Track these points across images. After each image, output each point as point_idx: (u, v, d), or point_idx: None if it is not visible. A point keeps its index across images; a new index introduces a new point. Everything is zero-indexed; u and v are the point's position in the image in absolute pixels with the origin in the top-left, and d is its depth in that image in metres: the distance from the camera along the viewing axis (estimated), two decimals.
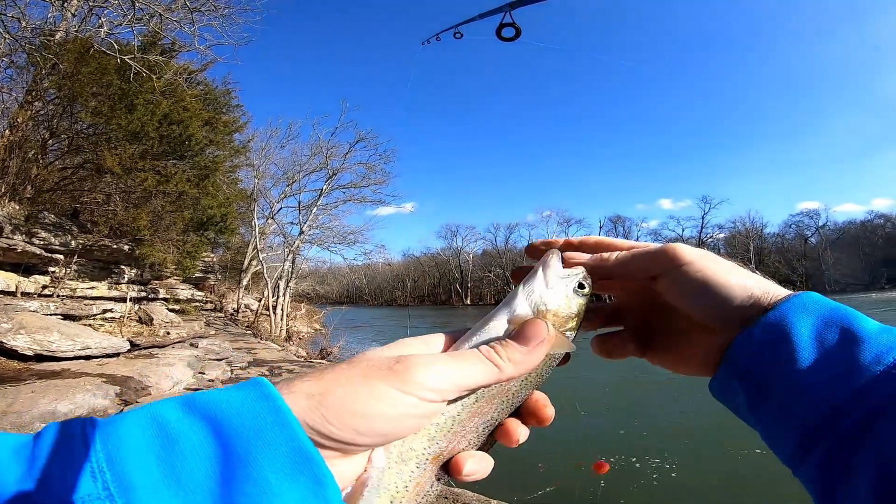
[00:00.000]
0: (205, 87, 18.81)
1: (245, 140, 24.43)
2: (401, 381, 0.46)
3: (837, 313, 0.52)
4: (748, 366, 0.55)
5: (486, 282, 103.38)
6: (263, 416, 0.41)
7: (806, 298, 0.55)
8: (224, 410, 0.41)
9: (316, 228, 28.54)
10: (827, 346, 0.50)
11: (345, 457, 0.47)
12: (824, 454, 0.47)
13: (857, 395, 0.46)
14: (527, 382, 0.57)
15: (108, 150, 12.03)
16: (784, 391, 0.51)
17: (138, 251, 15.38)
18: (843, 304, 0.52)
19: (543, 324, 0.56)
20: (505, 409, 0.56)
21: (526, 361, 0.54)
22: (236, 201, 23.76)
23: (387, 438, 0.48)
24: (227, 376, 10.14)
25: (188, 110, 14.28)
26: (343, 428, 0.44)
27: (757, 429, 0.56)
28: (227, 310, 31.15)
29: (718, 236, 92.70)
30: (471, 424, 0.54)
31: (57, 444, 0.39)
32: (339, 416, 0.44)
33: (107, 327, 13.48)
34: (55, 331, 8.68)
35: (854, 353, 0.48)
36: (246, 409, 0.41)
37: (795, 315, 0.53)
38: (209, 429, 0.40)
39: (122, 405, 6.20)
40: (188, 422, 0.40)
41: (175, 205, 15.60)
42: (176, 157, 15.17)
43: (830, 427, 0.47)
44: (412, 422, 0.48)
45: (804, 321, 0.52)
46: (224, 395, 0.43)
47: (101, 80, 11.71)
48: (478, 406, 0.54)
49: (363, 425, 0.45)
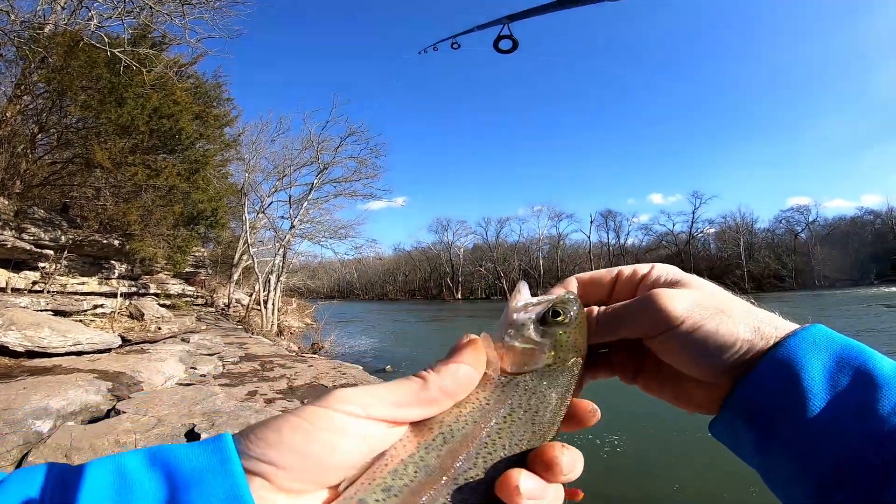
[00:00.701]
0: (195, 80, 18.70)
1: (235, 134, 24.28)
2: (326, 399, 0.46)
3: (850, 352, 0.50)
4: (755, 408, 0.52)
5: (477, 276, 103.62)
6: (212, 465, 0.42)
7: (815, 333, 0.52)
8: (181, 461, 0.43)
9: (307, 223, 28.44)
10: (840, 390, 0.48)
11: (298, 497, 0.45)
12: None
13: (876, 446, 0.44)
14: (515, 419, 0.51)
15: (97, 144, 11.93)
16: (796, 437, 0.48)
17: (128, 246, 15.30)
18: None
19: (466, 336, 0.52)
20: (495, 454, 0.49)
21: (450, 371, 0.49)
22: (227, 195, 23.70)
23: (326, 468, 0.45)
24: (218, 371, 10.12)
25: (178, 104, 14.17)
26: (281, 456, 0.43)
27: (760, 471, 0.54)
28: (219, 304, 31.01)
29: (709, 231, 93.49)
30: (445, 473, 0.47)
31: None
32: (278, 443, 0.43)
33: (98, 323, 13.42)
34: (46, 327, 8.63)
35: (871, 400, 0.46)
36: (198, 460, 0.43)
37: (805, 353, 0.50)
38: (163, 478, 0.42)
39: (115, 401, 6.19)
40: (146, 471, 0.42)
41: (165, 199, 15.48)
42: (166, 151, 15.05)
43: (849, 479, 0.45)
44: (346, 443, 0.45)
45: (815, 360, 0.49)
46: (183, 449, 0.44)
47: (90, 73, 11.60)
48: (449, 449, 0.48)
49: (300, 448, 0.43)
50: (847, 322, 25.36)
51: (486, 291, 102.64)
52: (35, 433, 4.83)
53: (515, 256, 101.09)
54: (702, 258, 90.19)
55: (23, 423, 4.82)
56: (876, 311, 30.94)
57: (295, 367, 10.95)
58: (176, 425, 5.17)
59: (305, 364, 11.30)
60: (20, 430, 4.73)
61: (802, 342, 0.51)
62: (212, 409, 5.75)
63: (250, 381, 9.40)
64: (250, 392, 8.45)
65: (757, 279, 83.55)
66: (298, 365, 11.17)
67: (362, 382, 9.36)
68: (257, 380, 9.51)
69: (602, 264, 57.73)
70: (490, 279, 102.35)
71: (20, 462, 4.49)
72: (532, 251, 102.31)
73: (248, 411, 5.57)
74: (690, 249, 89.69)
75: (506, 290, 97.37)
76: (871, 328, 22.28)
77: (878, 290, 58.94)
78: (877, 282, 75.36)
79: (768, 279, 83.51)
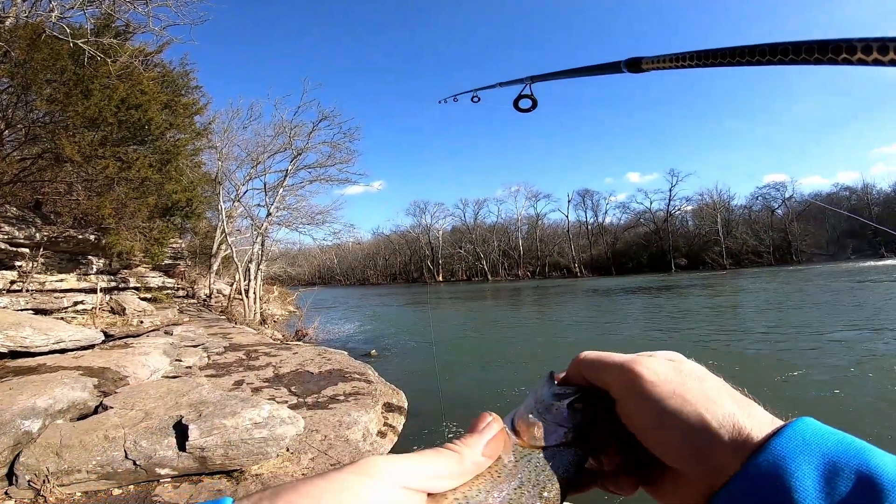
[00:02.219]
0: (162, 69, 18.38)
1: (206, 122, 23.90)
2: (359, 468, 0.45)
3: (846, 451, 0.42)
4: None
5: (457, 258, 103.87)
6: None
7: (804, 430, 0.44)
8: None
9: (283, 210, 28.21)
10: (839, 500, 0.40)
11: None
12: None
13: None
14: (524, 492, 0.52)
15: (66, 138, 11.69)
16: None
17: (104, 240, 15.10)
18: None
19: (490, 414, 0.54)
20: None
21: (482, 444, 0.51)
22: (201, 185, 23.37)
23: None
24: (204, 362, 10.15)
25: (146, 93, 13.90)
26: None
27: None
28: (200, 296, 30.78)
29: (686, 208, 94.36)
30: None
31: None
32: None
33: (79, 319, 13.33)
34: (27, 326, 8.56)
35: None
36: None
37: (795, 457, 0.42)
38: None
39: (102, 396, 6.23)
40: None
41: (139, 191, 15.24)
42: (136, 142, 14.81)
43: None
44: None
45: (807, 466, 0.42)
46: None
47: (54, 66, 11.34)
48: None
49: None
50: (830, 297, 25.92)
51: (467, 273, 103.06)
52: (25, 433, 4.86)
53: (494, 237, 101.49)
54: (680, 235, 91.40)
55: (11, 423, 4.84)
56: (864, 286, 31.63)
57: (280, 354, 11.03)
58: (164, 418, 5.24)
59: (290, 351, 11.38)
60: (9, 431, 4.75)
61: (790, 442, 0.44)
62: (198, 399, 5.81)
63: (236, 370, 9.47)
64: (237, 381, 8.53)
65: (735, 255, 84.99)
66: (283, 353, 11.25)
67: (348, 368, 9.47)
68: (243, 369, 9.58)
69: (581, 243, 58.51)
70: (470, 261, 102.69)
71: (12, 463, 4.53)
72: (511, 231, 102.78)
73: (234, 400, 5.63)
74: (668, 227, 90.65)
75: (486, 272, 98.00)
76: (859, 303, 22.76)
77: (854, 265, 60.32)
78: (853, 256, 76.97)
79: (746, 255, 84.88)
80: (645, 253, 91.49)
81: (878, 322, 16.50)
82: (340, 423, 6.28)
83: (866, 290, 28.24)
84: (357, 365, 9.92)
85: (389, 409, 7.48)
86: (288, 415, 5.52)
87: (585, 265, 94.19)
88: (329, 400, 7.40)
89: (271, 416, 5.32)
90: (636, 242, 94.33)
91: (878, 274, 41.33)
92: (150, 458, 4.66)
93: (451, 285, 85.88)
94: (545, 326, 22.46)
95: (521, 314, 29.39)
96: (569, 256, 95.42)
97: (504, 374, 12.34)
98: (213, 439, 4.83)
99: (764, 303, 26.33)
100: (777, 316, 20.15)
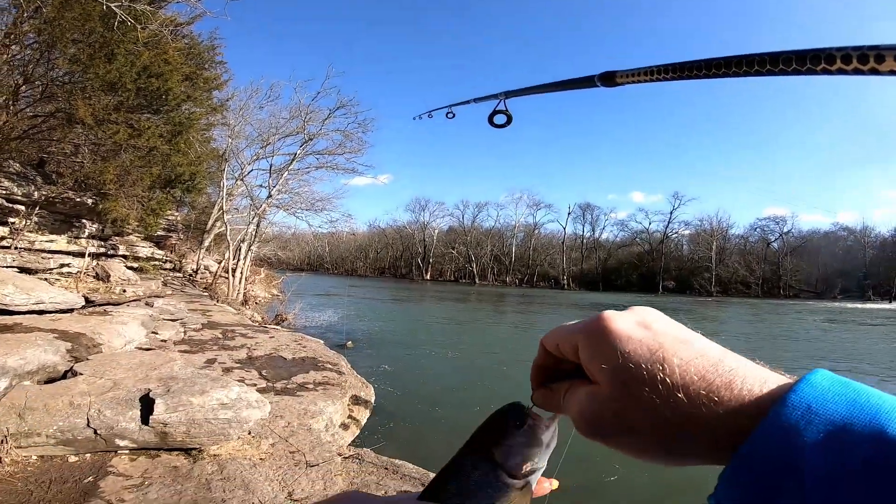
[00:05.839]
0: (190, 40, 18.22)
1: (224, 98, 23.81)
2: None
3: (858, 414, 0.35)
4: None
5: (449, 258, 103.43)
6: None
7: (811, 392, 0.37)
8: None
9: (285, 193, 28.26)
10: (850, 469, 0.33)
11: None
12: None
13: None
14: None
15: (82, 99, 11.67)
16: None
17: (102, 205, 15.09)
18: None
19: None
20: None
21: None
22: (207, 160, 23.43)
23: None
24: (179, 337, 10.26)
25: (169, 63, 13.87)
26: None
27: None
28: (186, 270, 30.80)
29: (684, 232, 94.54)
30: None
31: None
32: None
33: (63, 282, 13.35)
34: (10, 284, 8.56)
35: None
36: None
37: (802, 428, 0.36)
38: None
39: (73, 362, 6.32)
40: None
41: (145, 160, 15.26)
42: (151, 111, 14.76)
43: None
44: None
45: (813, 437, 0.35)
46: None
47: (83, 26, 11.34)
48: None
49: None
50: (798, 332, 26.82)
51: (456, 274, 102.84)
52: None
53: (489, 242, 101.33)
54: (673, 258, 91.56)
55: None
56: (837, 325, 32.42)
57: (256, 337, 11.15)
58: (131, 389, 5.30)
59: (267, 335, 11.50)
60: None
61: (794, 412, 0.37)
62: (168, 374, 5.89)
63: (210, 348, 9.59)
64: (209, 360, 8.66)
65: (724, 283, 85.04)
66: (260, 335, 11.37)
67: (322, 357, 9.60)
68: (217, 348, 9.70)
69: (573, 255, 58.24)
70: (461, 262, 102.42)
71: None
72: (506, 237, 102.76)
73: (204, 378, 5.73)
74: (663, 249, 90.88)
75: (475, 275, 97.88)
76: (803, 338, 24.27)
77: (835, 305, 60.60)
78: (840, 297, 76.81)
79: (735, 284, 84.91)
80: (635, 272, 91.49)
81: (820, 354, 18.76)
82: (306, 412, 6.41)
83: (834, 329, 29.70)
84: (331, 355, 10.05)
85: (356, 402, 7.62)
86: (255, 398, 5.60)
87: (574, 278, 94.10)
88: (298, 387, 7.53)
89: (239, 398, 5.40)
90: (628, 261, 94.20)
91: (857, 315, 42.49)
92: (112, 429, 4.73)
93: (439, 284, 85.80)
94: (517, 332, 22.58)
95: (502, 319, 29.46)
96: (559, 268, 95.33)
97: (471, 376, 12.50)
98: (178, 416, 4.92)
99: (737, 332, 26.88)
100: (744, 345, 20.63)
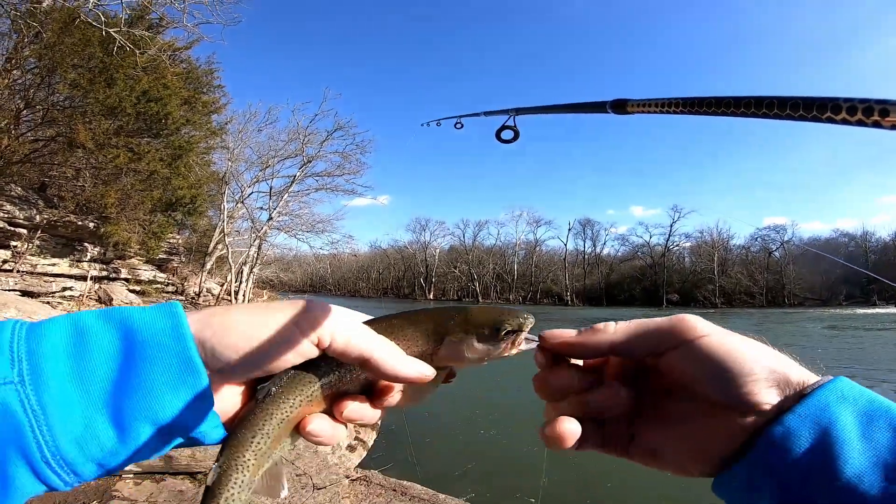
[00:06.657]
0: (188, 65, 18.43)
1: (223, 122, 24.00)
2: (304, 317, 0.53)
3: (880, 406, 0.47)
4: (785, 463, 0.47)
5: (451, 277, 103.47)
6: (165, 328, 0.48)
7: (843, 385, 0.49)
8: (135, 321, 0.48)
9: (285, 215, 28.22)
10: (880, 449, 0.44)
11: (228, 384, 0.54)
12: None
13: None
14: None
15: (82, 123, 11.66)
16: (833, 498, 0.44)
17: (103, 229, 14.97)
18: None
19: None
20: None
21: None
22: (207, 183, 23.39)
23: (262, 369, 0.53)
24: None
25: (168, 88, 13.92)
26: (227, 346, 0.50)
27: None
28: (189, 293, 30.48)
29: (684, 244, 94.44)
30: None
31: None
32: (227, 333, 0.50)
33: (65, 305, 13.15)
34: (13, 307, 8.40)
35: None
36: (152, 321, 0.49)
37: (837, 405, 0.47)
38: (119, 334, 0.48)
39: None
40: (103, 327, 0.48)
41: (145, 184, 15.21)
42: (150, 135, 14.81)
43: None
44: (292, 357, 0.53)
45: (847, 414, 0.46)
46: (137, 311, 0.50)
47: (83, 51, 11.41)
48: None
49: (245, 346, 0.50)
50: (800, 339, 26.47)
51: (458, 293, 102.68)
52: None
53: (490, 260, 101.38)
54: (675, 271, 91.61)
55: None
56: (842, 332, 32.11)
57: None
58: None
59: None
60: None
61: (832, 392, 0.48)
62: None
63: None
64: None
65: (728, 294, 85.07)
66: None
67: None
68: None
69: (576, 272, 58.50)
70: (463, 281, 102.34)
71: None
72: (508, 255, 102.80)
73: None
74: (665, 262, 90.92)
75: (478, 293, 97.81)
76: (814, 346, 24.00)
77: (841, 311, 60.70)
78: (845, 303, 77.11)
79: (739, 295, 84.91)
80: (638, 286, 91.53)
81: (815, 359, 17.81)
82: None
83: (837, 335, 29.31)
84: None
85: (363, 424, 7.37)
86: None
87: (578, 294, 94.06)
88: None
89: None
90: (631, 275, 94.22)
91: (862, 320, 42.27)
92: None
93: (442, 304, 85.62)
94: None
95: None
96: (562, 284, 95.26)
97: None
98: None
99: None
100: None
